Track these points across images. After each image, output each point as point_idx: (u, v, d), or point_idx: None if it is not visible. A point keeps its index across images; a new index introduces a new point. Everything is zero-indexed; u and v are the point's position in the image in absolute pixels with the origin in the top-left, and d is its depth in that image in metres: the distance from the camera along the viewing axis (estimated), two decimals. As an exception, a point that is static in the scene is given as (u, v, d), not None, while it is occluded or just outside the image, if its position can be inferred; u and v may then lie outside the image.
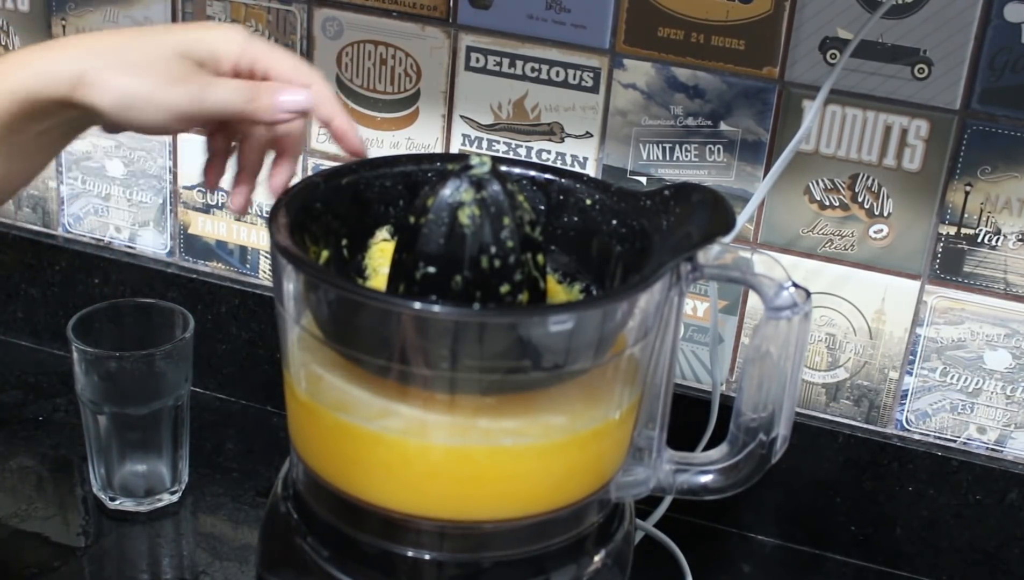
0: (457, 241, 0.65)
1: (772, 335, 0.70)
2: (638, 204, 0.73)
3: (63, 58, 0.68)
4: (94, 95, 0.68)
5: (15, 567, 0.91)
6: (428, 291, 0.66)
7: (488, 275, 0.66)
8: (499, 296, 0.66)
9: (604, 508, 0.73)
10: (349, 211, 0.74)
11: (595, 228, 0.74)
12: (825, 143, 0.92)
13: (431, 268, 0.66)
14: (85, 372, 0.94)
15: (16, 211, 1.18)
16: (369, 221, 0.75)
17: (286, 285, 0.68)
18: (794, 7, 0.89)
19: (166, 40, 0.70)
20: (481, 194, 0.65)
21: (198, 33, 0.71)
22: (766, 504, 1.01)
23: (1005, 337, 0.93)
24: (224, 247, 1.12)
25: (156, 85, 0.68)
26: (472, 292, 0.66)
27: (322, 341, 0.68)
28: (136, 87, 0.68)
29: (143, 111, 0.68)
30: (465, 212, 0.65)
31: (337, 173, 0.74)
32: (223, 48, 0.71)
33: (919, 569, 0.98)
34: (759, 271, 0.70)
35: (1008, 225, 0.90)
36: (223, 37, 0.71)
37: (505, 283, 0.66)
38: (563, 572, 0.71)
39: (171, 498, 0.99)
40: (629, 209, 0.73)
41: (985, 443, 0.96)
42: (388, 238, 0.76)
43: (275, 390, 0.77)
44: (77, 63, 0.68)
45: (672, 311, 0.71)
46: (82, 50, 0.69)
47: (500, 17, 0.97)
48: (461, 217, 0.65)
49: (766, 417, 0.71)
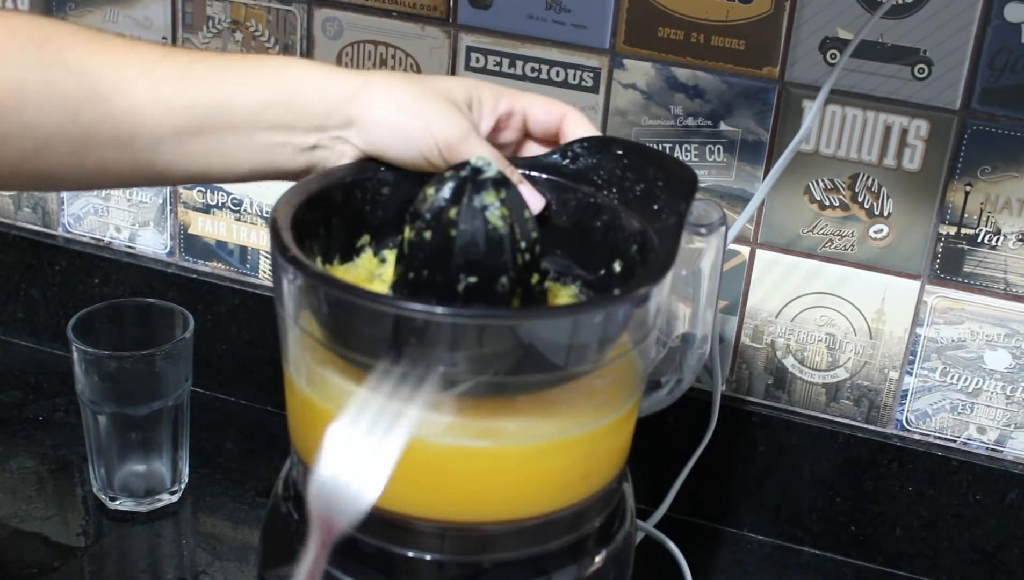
0: (495, 245, 0.65)
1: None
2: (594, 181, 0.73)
3: (352, 72, 0.71)
4: (372, 107, 0.69)
5: (15, 567, 0.91)
6: (473, 301, 0.66)
7: (523, 270, 0.66)
8: (531, 288, 0.67)
9: (605, 509, 0.73)
10: (347, 214, 0.74)
11: (579, 220, 0.75)
12: (825, 143, 0.92)
13: (472, 278, 0.65)
14: (85, 372, 0.94)
15: (16, 211, 1.18)
16: (366, 226, 0.75)
17: (286, 285, 0.68)
18: (794, 7, 0.89)
19: (430, 81, 0.72)
20: (503, 193, 0.65)
21: (451, 81, 0.73)
22: (766, 504, 1.01)
23: (1005, 337, 0.93)
24: (224, 247, 1.12)
25: (431, 112, 0.70)
26: (514, 289, 0.66)
27: (322, 342, 0.68)
28: (412, 105, 0.70)
29: (410, 134, 0.70)
30: (495, 214, 0.65)
31: (338, 174, 0.74)
32: (483, 92, 0.73)
33: (919, 569, 0.98)
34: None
35: (1008, 225, 0.90)
36: (473, 84, 0.73)
37: (535, 273, 0.67)
38: (564, 573, 0.71)
39: (171, 498, 0.99)
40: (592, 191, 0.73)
41: (985, 443, 0.96)
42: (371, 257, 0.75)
43: (275, 390, 0.77)
44: (357, 77, 0.70)
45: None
46: (370, 71, 0.72)
47: (500, 17, 0.97)
48: (493, 220, 0.65)
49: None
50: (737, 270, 0.97)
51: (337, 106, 0.70)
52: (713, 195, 0.95)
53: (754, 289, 0.97)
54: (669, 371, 0.81)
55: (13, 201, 1.18)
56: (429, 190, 0.66)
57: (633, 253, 0.71)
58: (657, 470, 0.96)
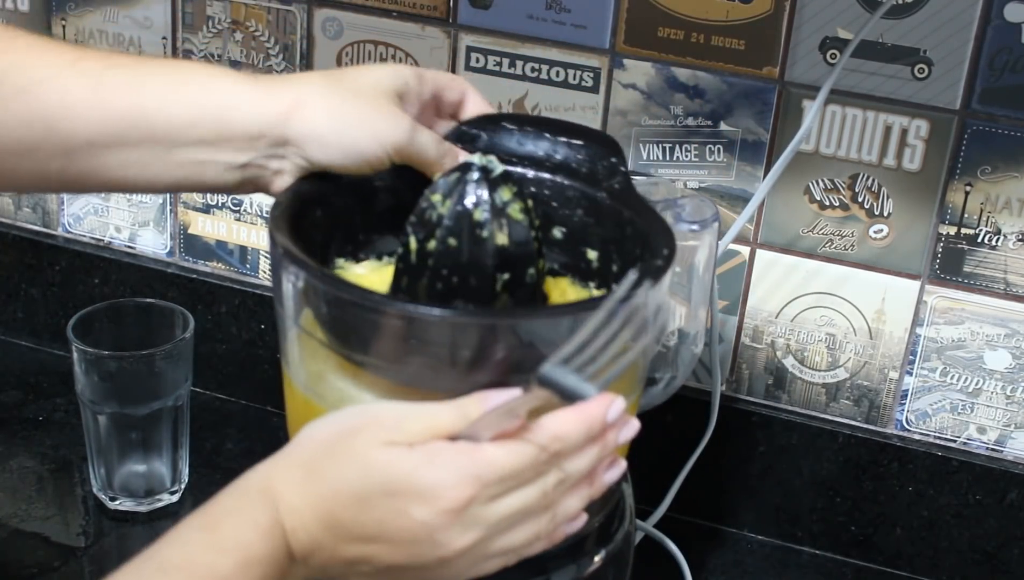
0: (523, 238, 0.66)
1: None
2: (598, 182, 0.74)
3: (279, 85, 0.69)
4: (309, 125, 0.67)
5: (15, 567, 0.91)
6: (510, 295, 0.66)
7: (540, 255, 0.68)
8: (542, 273, 0.68)
9: (604, 508, 0.73)
10: (348, 211, 0.73)
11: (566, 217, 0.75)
12: (825, 143, 0.92)
13: (506, 274, 0.66)
14: (85, 372, 0.94)
15: (16, 211, 1.18)
16: (369, 222, 0.75)
17: (285, 285, 0.68)
18: (794, 7, 0.89)
19: (359, 79, 0.70)
20: (514, 187, 0.66)
21: (377, 71, 0.71)
22: (766, 504, 1.01)
23: (1005, 337, 0.93)
24: (224, 247, 1.12)
25: (373, 117, 0.68)
26: (541, 277, 0.68)
27: (322, 342, 0.68)
28: (352, 115, 0.68)
29: (355, 144, 0.68)
30: (516, 209, 0.66)
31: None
32: (408, 77, 0.71)
33: (919, 569, 0.98)
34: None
35: (1008, 225, 0.90)
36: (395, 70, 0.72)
37: (541, 259, 0.68)
38: (563, 572, 0.71)
39: (171, 498, 0.99)
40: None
41: (985, 443, 0.96)
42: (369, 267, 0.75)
43: (275, 390, 0.77)
44: (287, 91, 0.68)
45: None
46: (295, 82, 0.69)
47: (500, 17, 0.97)
48: (515, 215, 0.66)
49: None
50: (737, 270, 0.97)
51: (271, 125, 0.68)
52: (713, 195, 0.95)
53: (754, 289, 0.97)
54: (664, 368, 0.81)
55: (13, 201, 1.18)
56: (436, 197, 0.66)
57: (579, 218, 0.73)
58: (657, 470, 0.96)
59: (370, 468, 0.57)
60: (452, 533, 0.57)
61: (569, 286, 0.75)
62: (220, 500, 0.59)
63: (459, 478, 0.56)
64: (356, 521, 0.58)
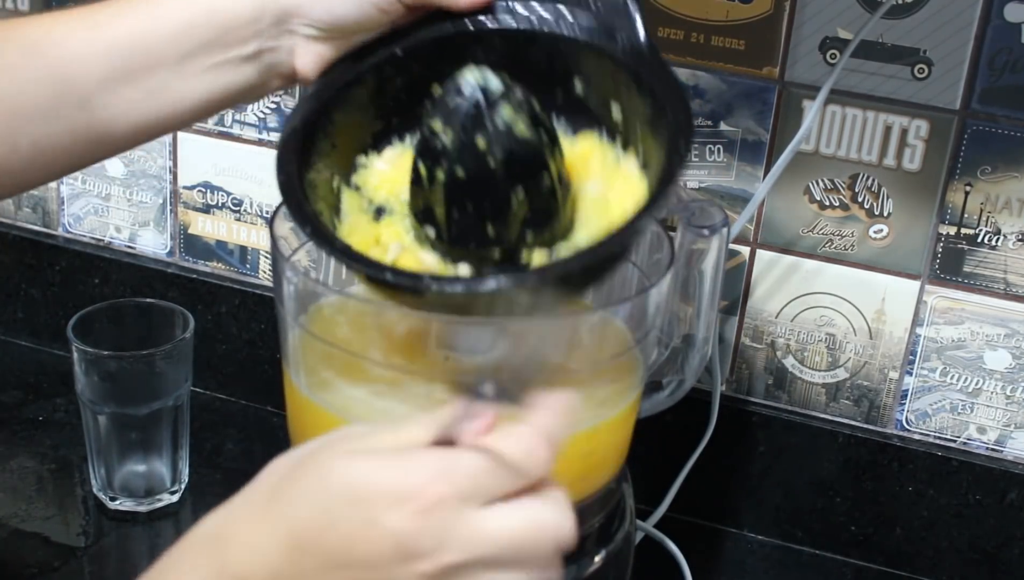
0: (532, 152, 0.64)
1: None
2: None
3: None
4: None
5: (15, 567, 0.91)
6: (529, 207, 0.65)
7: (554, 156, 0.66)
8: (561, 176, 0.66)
9: (604, 508, 0.73)
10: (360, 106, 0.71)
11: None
12: (825, 143, 0.92)
13: (520, 189, 0.64)
14: (85, 372, 0.94)
15: (16, 211, 1.18)
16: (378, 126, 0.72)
17: (286, 285, 0.68)
18: (794, 7, 0.89)
19: None
20: (514, 100, 0.64)
21: None
22: (766, 504, 1.01)
23: (1005, 337, 0.93)
24: (224, 247, 1.12)
25: None
26: (559, 178, 0.65)
27: (321, 341, 0.68)
28: None
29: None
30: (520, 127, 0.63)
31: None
32: None
33: (919, 569, 0.98)
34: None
35: (1008, 225, 0.90)
36: None
37: (555, 160, 0.66)
38: (563, 572, 0.71)
39: (171, 498, 0.99)
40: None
41: (985, 443, 0.96)
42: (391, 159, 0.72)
43: (275, 390, 0.77)
44: None
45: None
46: None
47: (500, 17, 0.97)
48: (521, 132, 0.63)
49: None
50: (737, 270, 0.97)
51: (264, 1, 0.67)
52: (713, 195, 0.95)
53: (754, 289, 0.97)
54: (671, 372, 0.81)
55: (13, 201, 1.18)
56: (437, 125, 0.64)
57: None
58: (657, 470, 0.96)
59: (331, 477, 0.53)
60: (426, 541, 0.51)
61: (596, 146, 0.71)
62: (169, 552, 0.55)
63: (428, 475, 0.51)
64: (321, 543, 0.52)
